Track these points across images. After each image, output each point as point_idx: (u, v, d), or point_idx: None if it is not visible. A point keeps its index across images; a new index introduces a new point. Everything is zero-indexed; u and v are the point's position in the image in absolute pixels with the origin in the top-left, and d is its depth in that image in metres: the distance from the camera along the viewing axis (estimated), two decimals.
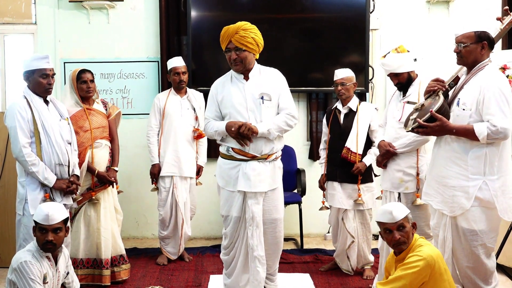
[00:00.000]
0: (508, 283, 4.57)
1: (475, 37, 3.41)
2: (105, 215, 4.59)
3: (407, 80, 4.24)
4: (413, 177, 4.17)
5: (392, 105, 4.35)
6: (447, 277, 3.12)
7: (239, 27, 3.78)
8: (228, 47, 3.82)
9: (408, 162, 4.18)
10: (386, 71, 4.30)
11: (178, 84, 5.23)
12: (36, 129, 3.89)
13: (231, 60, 3.83)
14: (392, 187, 4.23)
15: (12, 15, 6.11)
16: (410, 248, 3.21)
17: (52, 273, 3.32)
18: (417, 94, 4.16)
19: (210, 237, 6.32)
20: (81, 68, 4.64)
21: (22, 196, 3.91)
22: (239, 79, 3.91)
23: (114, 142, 4.76)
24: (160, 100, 5.26)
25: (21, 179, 3.95)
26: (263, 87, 3.87)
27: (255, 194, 3.83)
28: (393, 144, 4.21)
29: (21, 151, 3.81)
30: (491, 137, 3.25)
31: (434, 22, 6.23)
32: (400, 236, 3.20)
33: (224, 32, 3.82)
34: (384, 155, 4.25)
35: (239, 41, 3.77)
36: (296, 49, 6.08)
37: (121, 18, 6.14)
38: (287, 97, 3.98)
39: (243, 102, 3.84)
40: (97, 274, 4.55)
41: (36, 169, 3.84)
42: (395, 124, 4.24)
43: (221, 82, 4.01)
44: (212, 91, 4.01)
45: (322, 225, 6.16)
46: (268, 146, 3.86)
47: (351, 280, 4.74)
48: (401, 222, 3.21)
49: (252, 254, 3.85)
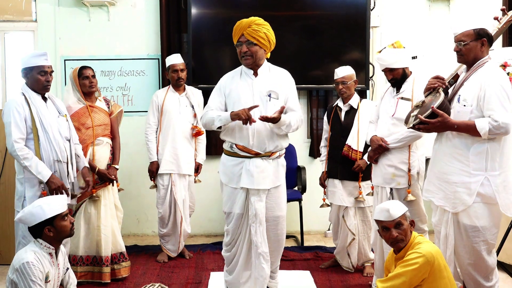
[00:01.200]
0: (508, 280, 4.58)
1: (475, 34, 3.41)
2: (106, 212, 4.60)
3: (402, 76, 4.22)
4: (404, 173, 4.15)
5: (385, 101, 4.31)
6: (446, 274, 3.12)
7: (253, 21, 3.79)
8: (239, 41, 3.82)
9: (400, 158, 4.16)
10: (381, 66, 4.26)
11: (176, 81, 5.22)
12: (34, 126, 3.89)
13: (241, 53, 3.83)
14: (384, 182, 4.20)
15: (13, 12, 6.11)
16: (409, 245, 3.21)
17: (54, 270, 3.32)
18: (411, 91, 4.15)
19: (210, 234, 6.32)
20: (81, 65, 4.66)
21: (21, 194, 3.91)
22: (249, 74, 3.90)
23: (116, 140, 4.77)
24: (159, 97, 5.25)
25: (19, 176, 3.95)
26: (271, 84, 3.87)
27: (258, 191, 3.83)
28: (386, 139, 4.19)
29: (13, 146, 3.81)
30: (492, 133, 3.26)
31: (434, 20, 6.23)
32: (398, 234, 3.21)
33: (236, 26, 3.82)
34: (376, 150, 4.21)
35: (251, 35, 3.77)
36: (297, 46, 6.08)
37: (122, 15, 6.14)
38: (296, 100, 3.98)
39: (250, 98, 3.83)
40: (97, 271, 4.56)
41: (28, 163, 3.83)
42: (388, 120, 4.21)
43: (230, 76, 4.00)
44: (220, 83, 3.99)
45: (322, 222, 6.16)
46: (272, 143, 3.85)
47: (352, 277, 4.74)
48: (398, 220, 3.22)
49: (257, 251, 3.85)
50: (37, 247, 3.28)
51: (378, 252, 4.20)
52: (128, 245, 5.74)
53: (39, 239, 3.30)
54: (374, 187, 4.36)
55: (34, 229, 3.29)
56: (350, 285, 4.58)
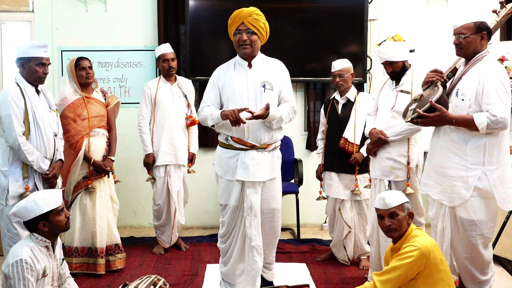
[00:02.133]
0: (503, 274, 4.60)
1: (475, 27, 3.41)
2: (101, 204, 4.59)
3: (401, 69, 4.21)
4: (403, 166, 4.15)
5: (384, 94, 4.30)
6: (443, 268, 3.13)
7: (253, 10, 3.78)
8: (239, 29, 3.79)
9: (399, 151, 4.15)
10: (381, 59, 4.25)
11: (167, 71, 5.17)
12: (27, 119, 3.84)
13: (240, 41, 3.80)
14: (382, 175, 4.20)
15: (9, 2, 6.08)
16: (405, 237, 3.22)
17: (51, 263, 3.31)
18: (410, 84, 4.14)
19: (207, 227, 6.32)
20: (79, 56, 4.64)
21: (5, 186, 3.85)
22: (243, 66, 3.89)
23: (112, 132, 4.75)
24: (151, 89, 5.18)
25: (3, 169, 3.89)
26: (265, 75, 3.86)
27: (253, 184, 3.83)
28: (385, 132, 4.19)
29: (17, 140, 3.77)
30: (490, 127, 3.26)
31: (432, 13, 6.22)
32: (391, 223, 3.22)
33: (236, 14, 3.79)
34: (376, 143, 4.20)
35: (252, 23, 3.76)
36: (294, 39, 6.06)
37: (119, 6, 6.11)
38: (290, 91, 3.99)
39: (244, 89, 3.83)
40: (92, 262, 4.55)
41: (32, 158, 3.82)
42: (387, 113, 4.20)
43: (224, 68, 3.99)
44: (214, 76, 3.98)
45: (318, 215, 6.17)
46: (267, 135, 3.85)
47: (348, 270, 4.75)
48: (393, 210, 3.22)
49: (250, 244, 3.85)
50: (33, 241, 3.24)
51: (375, 245, 4.21)
52: (125, 236, 5.75)
53: (34, 233, 3.26)
54: (372, 180, 4.36)
55: (29, 224, 3.25)
56: (346, 277, 4.59)
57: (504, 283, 4.41)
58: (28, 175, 3.88)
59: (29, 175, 3.88)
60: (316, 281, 4.51)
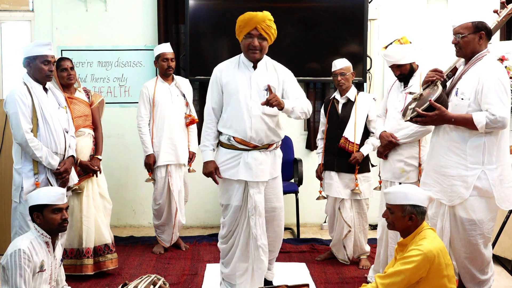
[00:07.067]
0: (503, 274, 4.60)
1: (473, 27, 3.41)
2: (88, 203, 4.50)
3: (409, 71, 4.21)
4: (414, 167, 4.15)
5: (393, 96, 4.30)
6: (447, 273, 3.03)
7: (266, 16, 3.76)
8: (251, 33, 3.75)
9: (410, 152, 4.16)
10: (389, 63, 4.24)
11: (166, 70, 5.16)
12: (35, 117, 3.86)
13: (251, 46, 3.77)
14: (393, 177, 4.20)
15: (9, 2, 6.08)
16: (414, 236, 3.15)
17: (50, 260, 3.33)
18: (419, 85, 4.13)
19: (207, 226, 6.33)
20: (60, 57, 4.61)
21: (18, 184, 3.89)
22: (248, 67, 3.87)
23: (98, 131, 4.68)
24: (149, 89, 5.18)
25: (17, 166, 3.93)
26: (269, 79, 3.84)
27: (257, 184, 3.83)
28: (395, 134, 4.18)
29: (24, 136, 3.79)
30: (489, 126, 3.26)
31: (432, 13, 6.22)
32: (387, 217, 3.21)
33: (249, 18, 3.74)
34: (386, 146, 4.20)
35: (266, 30, 3.75)
36: (294, 38, 6.06)
37: (119, 6, 6.11)
38: (298, 89, 3.96)
39: (248, 91, 3.81)
40: (79, 264, 4.46)
41: (40, 154, 3.83)
42: (396, 115, 4.18)
43: (225, 65, 3.95)
44: (215, 74, 3.93)
45: (318, 214, 6.17)
46: (271, 136, 3.85)
47: (347, 270, 4.75)
48: (389, 206, 3.18)
49: (256, 243, 3.85)
50: (34, 234, 3.31)
51: (383, 246, 4.20)
52: (124, 236, 5.76)
53: (36, 225, 3.34)
54: (382, 182, 4.37)
55: (30, 212, 3.37)
56: (346, 277, 4.59)
57: (503, 283, 4.41)
58: (38, 171, 3.89)
59: (39, 171, 3.89)
60: (315, 280, 4.51)
